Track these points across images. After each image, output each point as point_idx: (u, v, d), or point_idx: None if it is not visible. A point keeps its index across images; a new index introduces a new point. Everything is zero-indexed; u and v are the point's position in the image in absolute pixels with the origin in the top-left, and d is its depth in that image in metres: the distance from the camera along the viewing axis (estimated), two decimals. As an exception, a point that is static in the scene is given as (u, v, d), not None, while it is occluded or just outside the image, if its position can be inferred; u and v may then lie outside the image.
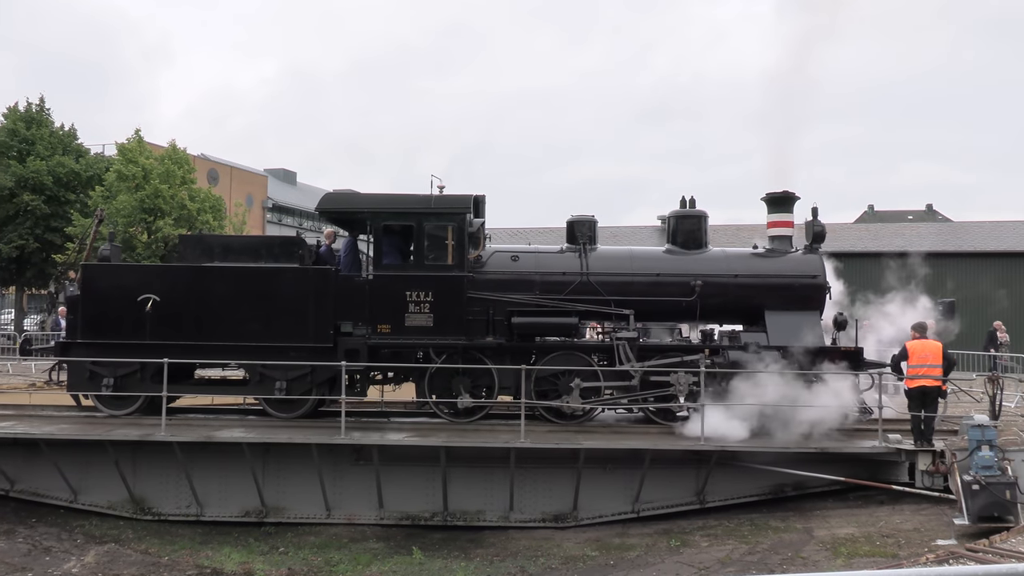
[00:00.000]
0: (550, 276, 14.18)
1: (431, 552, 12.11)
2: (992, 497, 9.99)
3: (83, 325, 13.93)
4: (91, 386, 13.94)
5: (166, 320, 13.76)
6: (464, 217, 13.85)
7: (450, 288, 13.68)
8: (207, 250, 14.44)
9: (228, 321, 13.73)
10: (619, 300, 14.06)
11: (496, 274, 14.12)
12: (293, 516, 13.18)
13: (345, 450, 13.00)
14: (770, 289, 14.04)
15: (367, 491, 13.03)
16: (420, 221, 13.82)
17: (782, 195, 14.68)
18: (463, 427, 13.83)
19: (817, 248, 14.48)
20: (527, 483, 13.01)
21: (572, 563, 11.46)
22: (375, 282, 13.80)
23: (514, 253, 14.55)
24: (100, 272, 14.52)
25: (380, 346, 13.80)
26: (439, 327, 13.62)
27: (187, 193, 33.15)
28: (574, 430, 13.64)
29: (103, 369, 13.78)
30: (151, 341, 13.65)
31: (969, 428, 10.76)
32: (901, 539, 10.42)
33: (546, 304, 13.95)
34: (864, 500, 12.40)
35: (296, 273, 14.01)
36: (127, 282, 14.17)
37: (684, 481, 13.00)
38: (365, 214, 14.11)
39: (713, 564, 10.60)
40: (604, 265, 14.34)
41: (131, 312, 13.73)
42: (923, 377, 11.86)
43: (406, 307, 13.63)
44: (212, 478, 13.22)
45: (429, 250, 13.81)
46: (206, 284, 13.94)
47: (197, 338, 13.72)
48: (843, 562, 9.84)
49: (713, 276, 14.13)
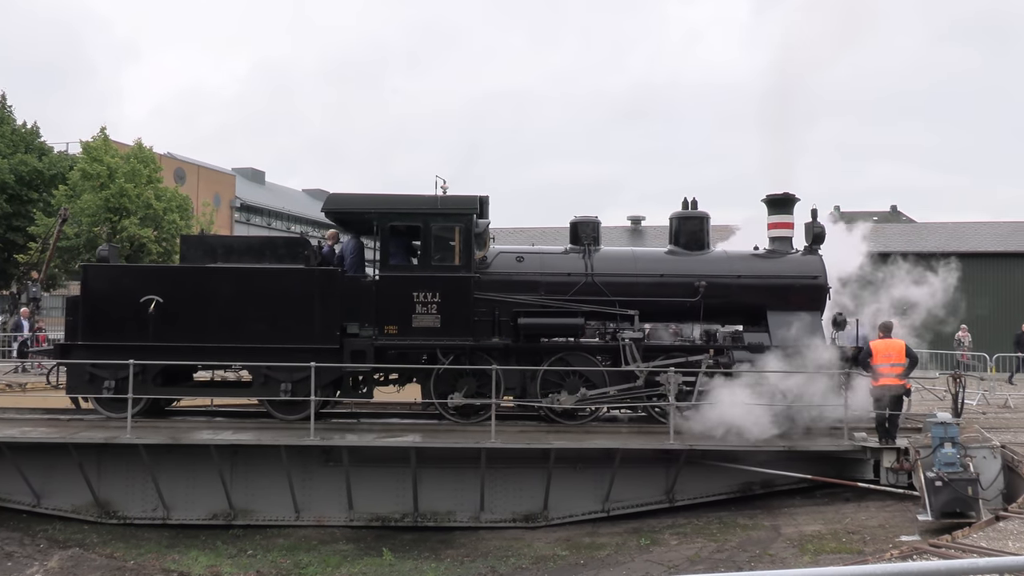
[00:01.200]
0: (555, 277, 14.20)
1: (401, 553, 12.06)
2: (955, 493, 10.15)
3: (83, 327, 13.67)
4: (91, 388, 13.69)
5: (169, 321, 13.54)
6: (471, 218, 13.79)
7: (457, 289, 13.65)
8: (210, 251, 14.22)
9: (233, 322, 13.55)
10: (623, 301, 14.13)
11: (501, 275, 14.12)
12: (262, 518, 13.05)
13: (314, 451, 12.91)
14: (772, 289, 14.16)
15: (337, 493, 12.94)
16: (427, 222, 13.77)
17: (783, 197, 14.86)
18: (436, 428, 13.80)
19: (817, 249, 14.67)
20: (498, 483, 13.01)
21: (542, 563, 11.48)
22: (382, 283, 13.74)
23: (519, 254, 14.54)
24: (101, 273, 14.23)
25: (387, 347, 13.72)
26: (446, 328, 13.58)
27: (153, 192, 32.77)
28: (544, 430, 13.67)
29: (104, 371, 13.55)
30: (154, 343, 13.43)
31: (932, 426, 10.92)
32: (866, 535, 10.56)
33: (551, 305, 13.96)
34: (830, 497, 12.56)
35: (302, 274, 13.89)
36: (129, 283, 13.95)
37: (654, 480, 13.08)
38: (372, 215, 13.98)
39: (682, 562, 10.66)
40: (608, 266, 14.40)
41: (133, 313, 13.50)
42: (887, 376, 12.06)
43: (413, 308, 13.58)
44: (179, 480, 13.05)
45: (436, 251, 13.77)
46: (211, 285, 13.72)
47: (201, 340, 13.50)
48: (810, 559, 9.95)
49: (716, 277, 14.25)
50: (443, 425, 13.97)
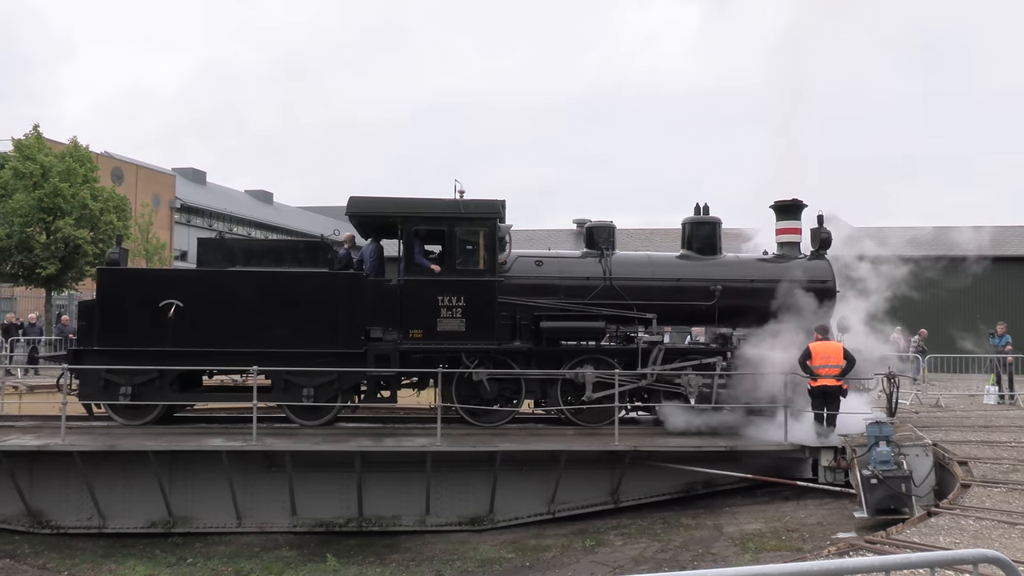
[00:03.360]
0: (574, 281, 14.31)
1: (346, 559, 11.94)
2: (889, 490, 10.42)
3: (99, 331, 13.24)
4: (106, 395, 13.28)
5: (189, 326, 13.20)
6: (495, 222, 13.83)
7: (482, 293, 13.66)
8: (228, 254, 13.92)
9: (255, 327, 13.29)
10: (641, 304, 14.28)
11: (522, 279, 14.17)
12: (202, 526, 12.81)
13: (256, 457, 12.70)
14: (783, 293, 14.32)
15: (279, 498, 12.76)
16: (452, 226, 13.74)
17: (791, 203, 15.21)
18: (381, 432, 13.69)
19: (823, 254, 15.04)
20: (444, 487, 12.97)
21: (488, 565, 11.47)
22: (406, 287, 13.66)
23: (538, 258, 14.63)
24: (118, 277, 13.81)
25: (412, 351, 13.61)
26: (471, 332, 13.57)
27: (89, 192, 31.85)
28: (491, 433, 13.68)
29: (120, 377, 13.16)
30: (174, 348, 13.09)
31: (868, 425, 11.21)
32: (805, 533, 10.78)
33: (570, 309, 14.03)
34: (771, 496, 12.80)
35: (327, 278, 13.70)
36: (148, 287, 13.60)
37: (599, 481, 13.18)
38: (396, 218, 13.93)
39: (627, 562, 10.75)
40: (625, 270, 14.55)
41: (152, 318, 13.14)
42: (825, 377, 12.34)
43: (438, 312, 13.57)
44: (115, 488, 12.74)
45: (461, 255, 13.75)
46: (232, 289, 13.44)
47: (222, 344, 13.19)
48: (751, 557, 10.11)
49: (731, 281, 14.50)
50: (388, 429, 13.89)
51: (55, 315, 30.58)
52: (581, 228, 37.78)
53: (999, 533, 8.19)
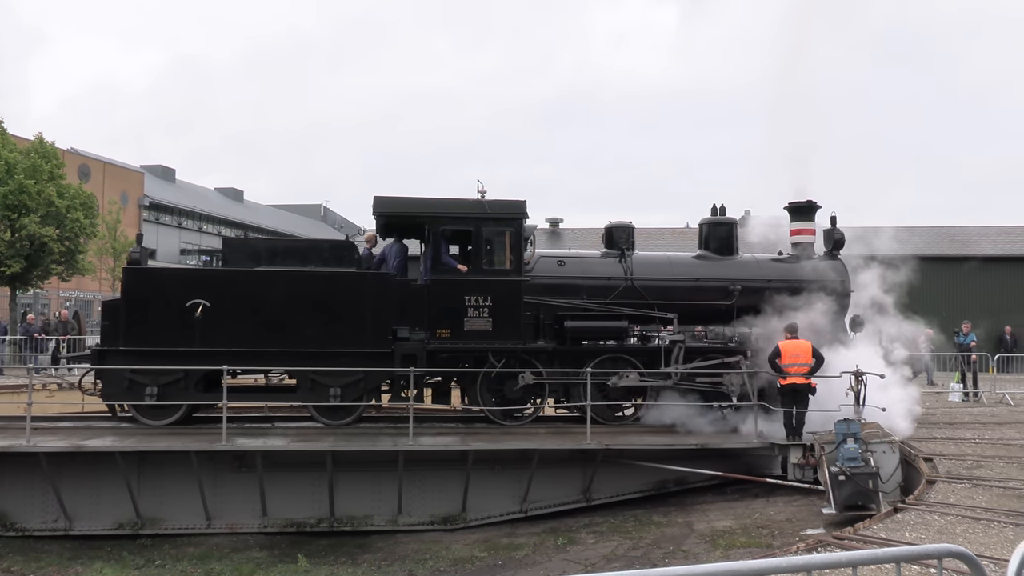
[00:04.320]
0: (596, 281, 14.46)
1: (317, 559, 11.87)
2: (857, 487, 10.56)
3: (125, 331, 13.04)
4: (130, 395, 13.08)
5: (216, 326, 13.04)
6: (521, 222, 13.88)
7: (508, 292, 13.70)
8: (253, 254, 13.80)
9: (282, 327, 13.20)
10: (662, 304, 14.41)
11: (545, 279, 14.25)
12: (171, 527, 12.66)
13: (226, 457, 12.59)
14: (800, 293, 14.48)
15: (250, 499, 12.65)
16: (479, 226, 13.78)
17: (805, 204, 15.48)
18: (352, 432, 13.62)
19: (837, 254, 15.29)
20: (416, 486, 12.95)
21: (461, 564, 11.46)
22: (434, 287, 13.65)
23: (560, 258, 14.79)
24: (145, 276, 13.59)
25: (439, 351, 13.59)
26: (498, 331, 13.61)
27: (55, 189, 31.33)
28: (463, 432, 13.67)
29: (145, 377, 12.98)
30: (201, 348, 12.92)
31: (836, 422, 11.35)
32: (775, 529, 10.89)
33: (593, 308, 14.12)
34: (741, 493, 12.92)
35: (354, 278, 13.64)
36: (174, 287, 13.41)
37: (571, 480, 13.22)
38: (423, 218, 13.91)
39: (599, 560, 10.80)
40: (646, 270, 14.72)
41: (179, 318, 12.96)
42: (794, 375, 12.47)
43: (465, 311, 13.60)
44: (82, 490, 12.55)
45: (488, 255, 13.80)
46: (259, 289, 13.32)
47: (249, 344, 13.06)
48: (721, 554, 10.20)
49: (749, 280, 14.69)
50: (359, 429, 13.83)
51: (20, 314, 30.07)
52: (555, 228, 37.88)
53: (963, 528, 8.33)
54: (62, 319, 23.55)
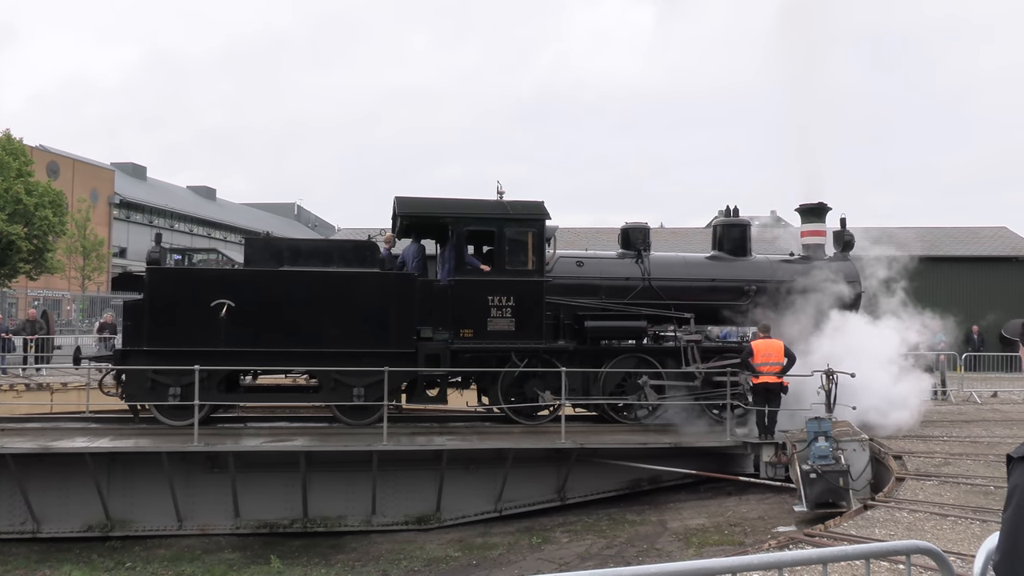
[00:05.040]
0: (614, 281, 14.58)
1: (290, 560, 11.79)
2: (827, 484, 10.67)
3: (149, 331, 12.87)
4: (153, 396, 12.93)
5: (239, 326, 12.92)
6: (543, 223, 13.95)
7: (530, 293, 13.75)
8: (276, 254, 13.71)
9: (306, 327, 13.15)
10: (679, 304, 14.52)
11: (564, 279, 14.33)
12: (141, 529, 12.53)
13: (198, 457, 12.47)
14: (812, 292, 14.60)
15: (222, 499, 12.55)
16: (501, 227, 13.82)
17: (817, 206, 15.71)
18: (326, 431, 13.55)
19: (847, 255, 15.49)
20: (390, 486, 12.90)
21: (435, 564, 11.44)
22: (457, 287, 13.67)
23: (578, 259, 14.85)
24: (168, 276, 13.47)
25: (463, 350, 13.62)
26: (520, 331, 13.66)
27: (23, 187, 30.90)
28: (437, 432, 13.64)
29: (168, 377, 12.84)
30: (226, 348, 12.82)
31: (807, 421, 11.46)
32: (747, 527, 10.98)
33: (611, 308, 14.20)
34: (714, 491, 13.01)
35: (378, 278, 13.60)
36: (198, 287, 13.27)
37: (545, 479, 13.24)
38: (447, 219, 13.94)
39: (573, 559, 10.82)
40: (663, 271, 14.88)
41: (203, 318, 12.83)
42: (767, 375, 12.58)
43: (488, 311, 13.64)
44: (50, 491, 12.38)
45: (510, 255, 13.82)
46: (283, 289, 13.25)
47: (273, 344, 13.00)
48: (694, 551, 10.26)
49: (763, 281, 14.84)
50: (333, 428, 13.76)
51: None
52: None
53: (931, 524, 8.44)
54: (30, 318, 23.15)
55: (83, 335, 30.69)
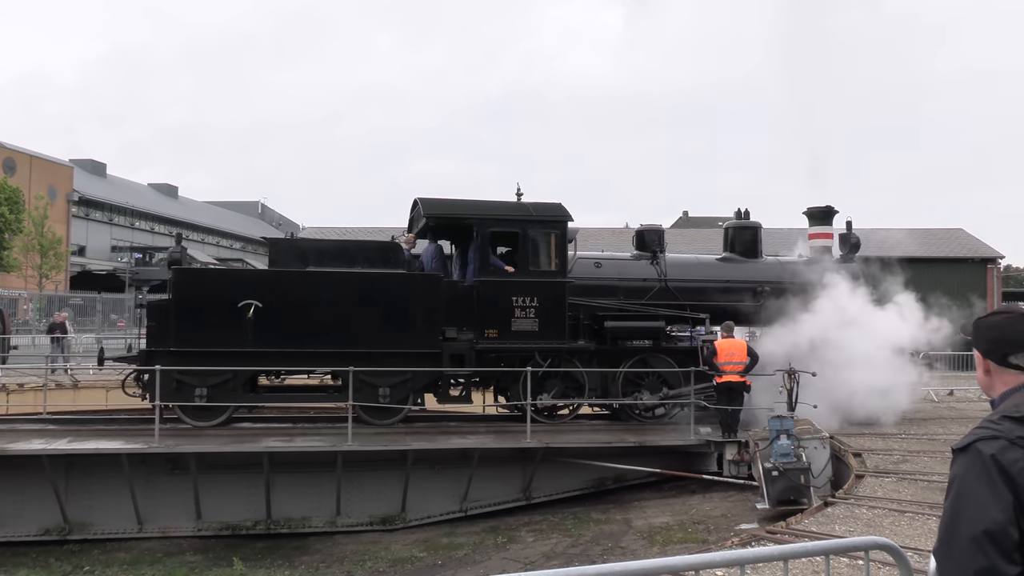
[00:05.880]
0: (632, 283, 14.85)
1: (253, 562, 11.66)
2: (789, 482, 10.82)
3: (176, 332, 12.71)
4: (179, 397, 12.74)
5: (266, 326, 12.82)
6: (566, 224, 14.10)
7: (553, 293, 13.90)
8: (301, 255, 13.66)
9: (332, 327, 13.15)
10: (694, 305, 14.73)
11: (584, 280, 14.49)
12: (100, 532, 12.32)
13: (159, 459, 12.29)
14: (821, 292, 14.78)
15: (183, 501, 12.39)
16: (525, 228, 13.95)
17: (824, 209, 16.15)
18: (290, 431, 13.43)
19: (852, 257, 15.85)
20: (354, 487, 12.83)
21: (400, 565, 11.39)
22: (482, 287, 13.74)
23: (596, 260, 15.09)
24: (196, 277, 13.42)
25: (488, 350, 13.71)
26: (544, 331, 13.78)
27: (-22, 183, 30.22)
28: (402, 432, 13.59)
29: (194, 378, 12.69)
30: (253, 349, 12.72)
31: (769, 419, 11.60)
32: (710, 525, 11.09)
33: (629, 309, 14.35)
34: (678, 490, 13.12)
35: (405, 279, 13.62)
36: (225, 287, 13.22)
37: (511, 479, 13.26)
38: (472, 220, 13.95)
39: (538, 558, 10.84)
40: (678, 272, 15.21)
41: (230, 318, 12.69)
42: (730, 374, 12.72)
43: (512, 312, 13.75)
44: (5, 495, 12.13)
45: (534, 256, 13.97)
46: (310, 289, 13.21)
47: (300, 345, 12.93)
48: (658, 549, 10.32)
49: (775, 282, 15.12)
50: (298, 429, 13.66)
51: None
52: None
53: (889, 520, 8.58)
54: None
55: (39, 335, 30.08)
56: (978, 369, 2.48)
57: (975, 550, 2.08)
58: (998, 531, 2.08)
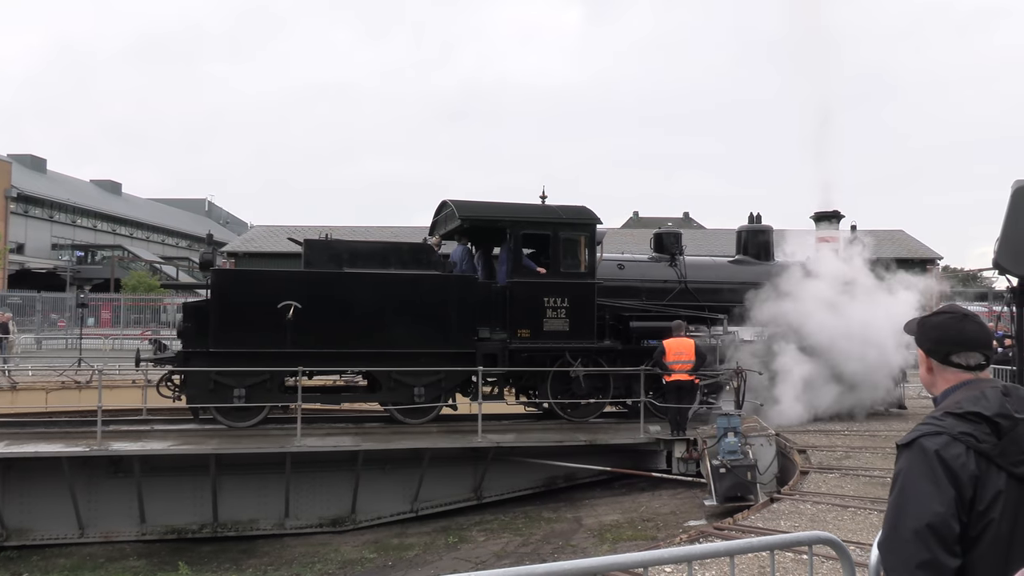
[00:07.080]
0: (653, 284, 15.29)
1: (199, 566, 11.47)
2: (736, 479, 10.97)
3: (214, 333, 12.55)
4: (215, 398, 12.58)
5: (303, 327, 12.74)
6: (595, 227, 14.42)
7: (583, 294, 14.14)
8: (335, 256, 13.64)
9: (369, 327, 13.28)
10: (712, 306, 15.06)
11: (609, 281, 14.79)
12: (39, 537, 11.99)
13: (101, 462, 12.01)
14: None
15: (127, 505, 12.12)
16: (556, 231, 14.20)
17: (831, 213, 16.59)
18: (239, 433, 13.23)
19: None
20: (304, 488, 12.70)
21: (350, 566, 11.30)
22: (515, 288, 13.91)
23: (619, 262, 15.44)
24: (233, 278, 13.43)
25: (520, 350, 13.89)
26: (574, 331, 14.02)
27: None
28: (353, 432, 13.49)
29: (231, 379, 12.54)
30: (292, 349, 12.63)
31: (717, 417, 11.76)
32: (660, 522, 11.21)
33: (651, 310, 14.65)
34: (628, 488, 13.24)
35: (440, 280, 13.73)
36: (263, 288, 13.07)
37: (462, 478, 13.25)
38: (506, 223, 14.16)
39: (489, 558, 10.85)
40: (697, 274, 15.67)
41: (269, 319, 12.59)
42: (678, 372, 12.87)
43: (544, 312, 13.96)
44: (-61, 500, 11.73)
45: (565, 258, 14.20)
46: (347, 290, 13.33)
47: (337, 345, 12.89)
48: (608, 547, 10.41)
49: None
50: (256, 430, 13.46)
51: None
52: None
53: (833, 516, 8.77)
54: None
55: None
56: (921, 367, 2.55)
57: (918, 543, 2.15)
58: (940, 524, 2.15)
